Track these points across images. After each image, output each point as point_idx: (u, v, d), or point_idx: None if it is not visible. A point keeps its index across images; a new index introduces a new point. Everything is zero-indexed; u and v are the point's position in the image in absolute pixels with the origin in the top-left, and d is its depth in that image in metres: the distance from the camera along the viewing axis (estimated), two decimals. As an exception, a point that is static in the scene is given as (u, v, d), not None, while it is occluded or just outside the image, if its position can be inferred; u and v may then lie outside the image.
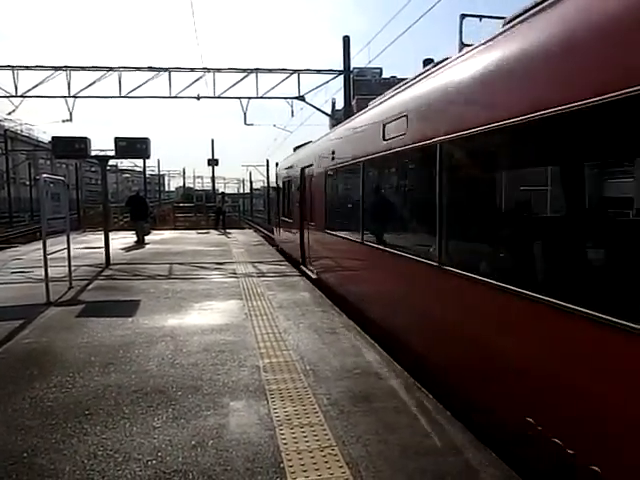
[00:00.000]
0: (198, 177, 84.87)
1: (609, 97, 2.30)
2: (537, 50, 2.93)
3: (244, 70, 20.29)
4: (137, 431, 3.27)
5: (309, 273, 9.97)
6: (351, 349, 4.97)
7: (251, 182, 58.64)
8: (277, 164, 17.67)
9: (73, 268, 8.82)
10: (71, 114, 20.34)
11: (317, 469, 2.80)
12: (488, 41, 3.60)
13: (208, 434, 3.23)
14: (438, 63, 4.73)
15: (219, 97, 20.61)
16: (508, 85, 3.22)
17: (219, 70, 20.25)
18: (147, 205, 18.41)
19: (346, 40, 19.99)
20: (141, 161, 49.42)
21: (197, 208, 33.32)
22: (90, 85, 19.64)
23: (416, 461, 2.88)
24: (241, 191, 75.46)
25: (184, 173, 70.84)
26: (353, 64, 20.75)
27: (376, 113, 6.03)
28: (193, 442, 3.13)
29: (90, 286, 8.62)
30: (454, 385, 3.84)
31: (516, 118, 3.02)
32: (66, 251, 8.52)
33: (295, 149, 14.29)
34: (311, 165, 9.92)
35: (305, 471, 2.79)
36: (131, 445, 3.10)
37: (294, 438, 3.14)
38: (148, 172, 55.92)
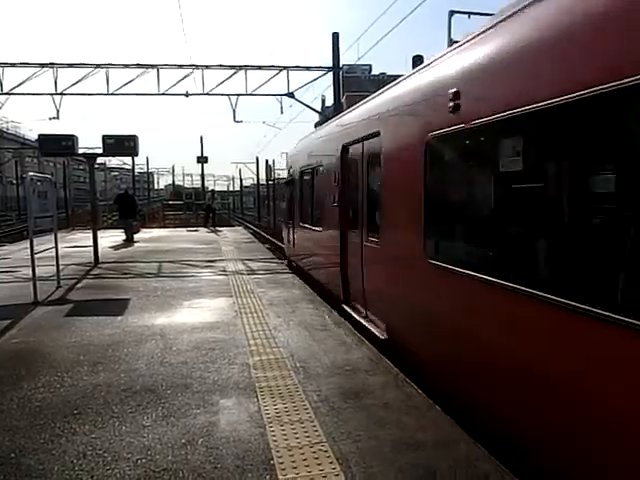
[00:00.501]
0: (187, 175, 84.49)
1: None
2: None
3: (233, 67, 20.16)
4: (126, 430, 3.26)
5: (364, 323, 5.88)
6: (341, 346, 4.99)
7: (241, 179, 58.47)
8: (267, 163, 17.02)
9: (61, 267, 8.72)
10: (58, 112, 20.07)
11: (307, 465, 2.81)
12: None
13: (198, 432, 3.22)
14: None
15: (208, 94, 20.46)
16: None
17: (207, 67, 20.10)
18: (136, 203, 18.29)
19: (335, 37, 19.95)
20: (130, 159, 49.06)
21: (187, 206, 33.18)
22: (77, 82, 19.39)
23: (407, 456, 2.90)
24: (231, 188, 75.16)
25: (173, 171, 70.40)
26: (343, 61, 20.73)
27: None
28: (183, 440, 3.12)
29: (78, 285, 8.53)
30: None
31: None
32: (54, 250, 8.43)
33: (317, 125, 10.97)
34: (373, 135, 5.57)
35: (295, 468, 2.79)
36: (120, 444, 3.08)
37: (284, 435, 3.15)
38: (137, 170, 55.61)
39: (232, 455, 2.94)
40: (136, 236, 16.99)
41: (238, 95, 20.74)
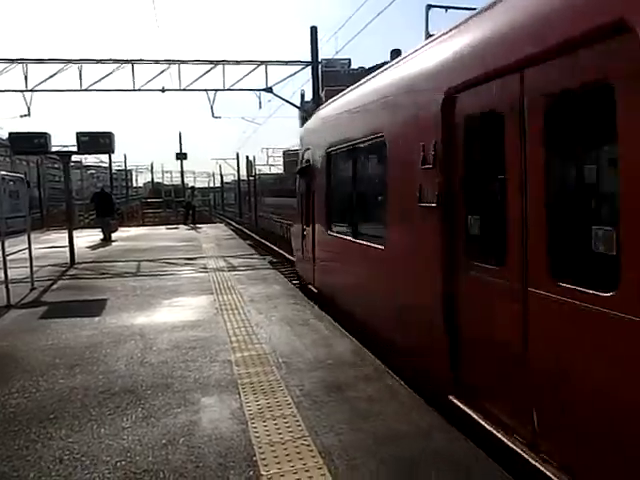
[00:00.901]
0: (167, 172, 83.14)
1: None
2: None
3: (210, 62, 19.91)
4: (105, 433, 3.19)
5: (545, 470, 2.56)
6: (323, 340, 4.98)
7: (221, 176, 57.99)
8: (248, 158, 16.14)
9: (36, 269, 8.51)
10: (29, 109, 19.54)
11: (290, 460, 2.80)
12: None
13: (179, 432, 3.17)
14: None
15: (185, 90, 20.20)
16: None
17: (184, 62, 19.81)
18: (113, 201, 17.99)
19: (313, 31, 19.85)
20: (106, 156, 48.05)
21: (166, 203, 32.83)
22: (49, 78, 18.90)
23: (389, 447, 2.91)
24: (211, 185, 74.46)
25: (152, 168, 69.18)
26: (322, 55, 20.71)
27: None
28: (164, 441, 3.07)
29: (54, 286, 8.33)
30: None
31: None
32: (27, 251, 8.20)
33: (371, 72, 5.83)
34: (594, 38, 2.26)
35: (278, 463, 2.77)
36: (99, 447, 3.01)
37: (266, 431, 3.12)
38: (114, 168, 54.51)
39: (214, 453, 2.91)
40: (114, 235, 16.69)
41: (216, 90, 20.53)
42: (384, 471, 2.69)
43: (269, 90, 20.67)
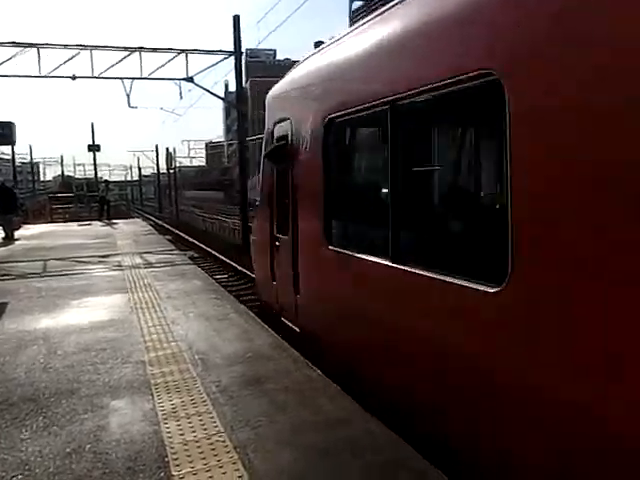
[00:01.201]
0: (79, 165, 77.85)
1: None
2: None
3: (126, 48, 18.78)
4: (0, 447, 2.94)
5: None
6: (243, 334, 4.94)
7: (139, 168, 55.29)
8: (168, 150, 14.64)
9: None
10: None
11: (204, 458, 2.75)
12: None
13: (85, 439, 3.00)
14: None
15: (98, 77, 18.90)
16: None
17: (96, 47, 18.50)
18: (15, 196, 16.47)
19: (236, 19, 19.39)
20: (9, 148, 43.76)
21: (78, 198, 30.84)
22: None
23: (306, 438, 2.94)
24: (129, 178, 70.72)
25: (62, 160, 64.32)
26: (246, 46, 20.37)
27: None
28: (68, 449, 2.89)
29: (-58, 291, 7.48)
30: None
31: None
32: None
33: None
34: None
35: (191, 462, 2.72)
36: (-8, 463, 2.77)
37: (180, 430, 3.05)
38: (19, 160, 50.01)
39: (123, 458, 2.78)
40: (17, 233, 15.32)
41: (132, 79, 19.42)
42: (300, 460, 2.73)
43: (190, 80, 19.94)
